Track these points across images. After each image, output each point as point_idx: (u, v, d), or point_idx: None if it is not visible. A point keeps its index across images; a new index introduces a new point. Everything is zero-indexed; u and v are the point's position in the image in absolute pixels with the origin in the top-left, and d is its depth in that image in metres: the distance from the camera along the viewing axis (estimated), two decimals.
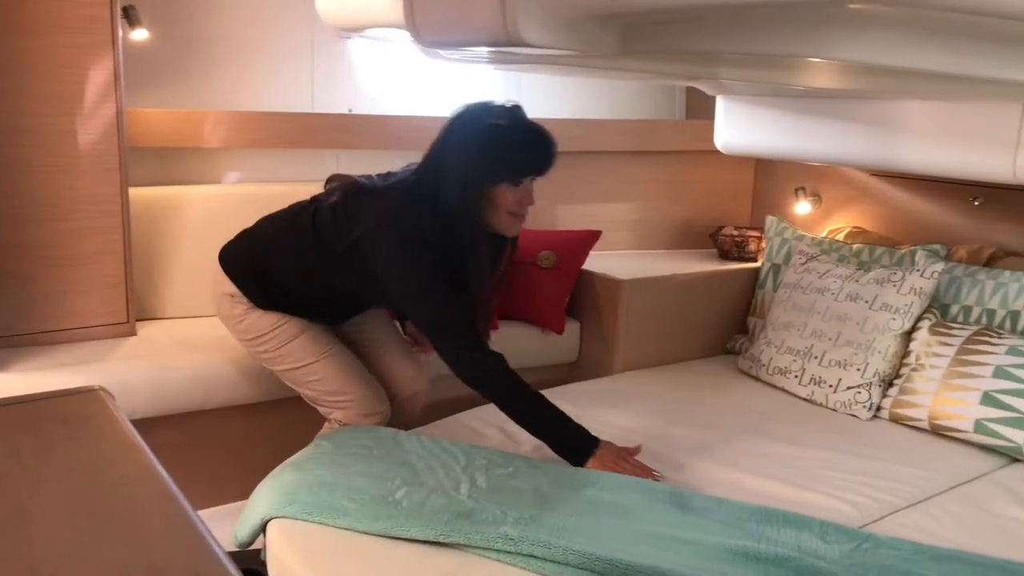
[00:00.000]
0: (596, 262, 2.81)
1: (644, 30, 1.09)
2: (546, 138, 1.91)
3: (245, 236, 2.14)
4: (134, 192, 2.45)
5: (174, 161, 2.73)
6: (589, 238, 2.75)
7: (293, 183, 2.88)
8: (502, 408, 1.91)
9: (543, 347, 2.71)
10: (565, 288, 2.70)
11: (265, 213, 2.13)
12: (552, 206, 3.05)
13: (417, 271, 1.88)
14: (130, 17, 2.52)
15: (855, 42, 1.00)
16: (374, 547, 1.55)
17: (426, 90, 3.13)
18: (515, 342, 2.63)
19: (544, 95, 3.29)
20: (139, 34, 2.58)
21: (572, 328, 2.77)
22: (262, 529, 1.69)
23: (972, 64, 1.34)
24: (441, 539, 1.54)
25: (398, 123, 2.96)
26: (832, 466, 2.00)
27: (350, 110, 3.00)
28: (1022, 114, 2.07)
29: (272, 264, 2.07)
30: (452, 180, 1.88)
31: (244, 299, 2.08)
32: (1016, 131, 2.09)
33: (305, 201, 2.09)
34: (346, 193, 2.01)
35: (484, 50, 1.45)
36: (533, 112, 1.95)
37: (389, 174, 2.07)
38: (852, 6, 0.90)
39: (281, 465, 1.84)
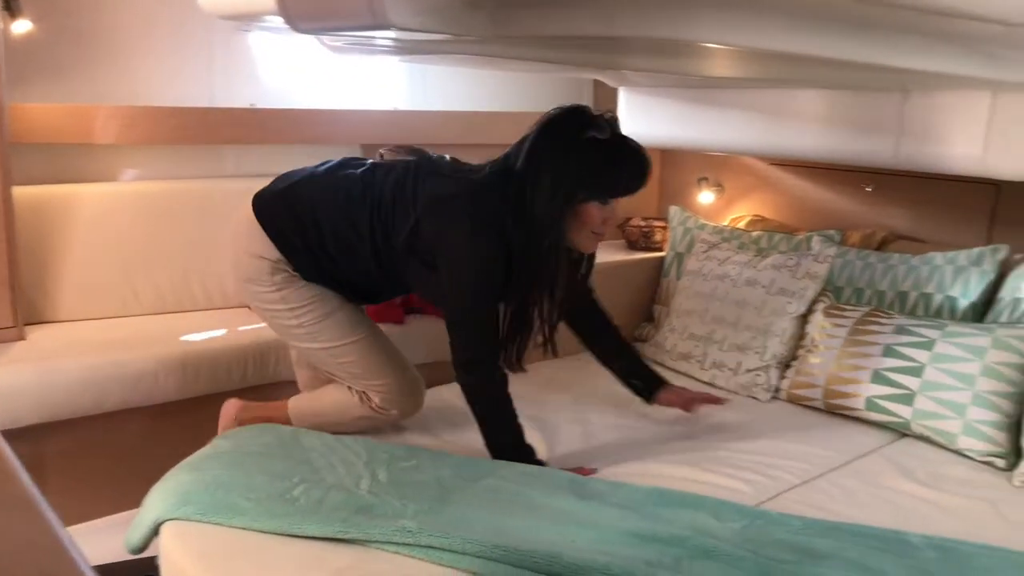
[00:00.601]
0: None
1: (512, 13, 1.09)
2: (645, 158, 1.81)
3: (284, 197, 1.95)
4: (19, 191, 2.36)
5: (64, 158, 2.63)
6: None
7: (193, 180, 2.82)
8: (478, 421, 1.88)
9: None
10: None
11: (163, 211, 2.05)
12: None
13: (478, 263, 1.80)
14: (11, 8, 2.41)
15: (711, 24, 1.02)
16: (271, 546, 1.52)
17: (332, 84, 3.08)
18: (425, 335, 2.61)
19: (450, 87, 3.28)
20: (21, 25, 2.47)
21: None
22: (155, 533, 1.64)
23: (852, 50, 1.38)
24: (339, 535, 1.52)
25: (303, 117, 2.91)
26: (731, 447, 2.05)
27: (253, 105, 2.94)
28: (902, 101, 2.15)
29: (322, 232, 1.91)
30: (544, 188, 1.77)
31: (288, 266, 1.93)
32: (898, 117, 2.17)
33: (351, 168, 1.96)
34: (408, 168, 1.91)
35: (366, 36, 1.44)
36: (436, 104, 1.93)
37: (442, 156, 1.99)
38: None
39: (176, 466, 1.79)
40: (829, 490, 1.86)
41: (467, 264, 1.81)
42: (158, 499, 1.66)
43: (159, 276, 2.67)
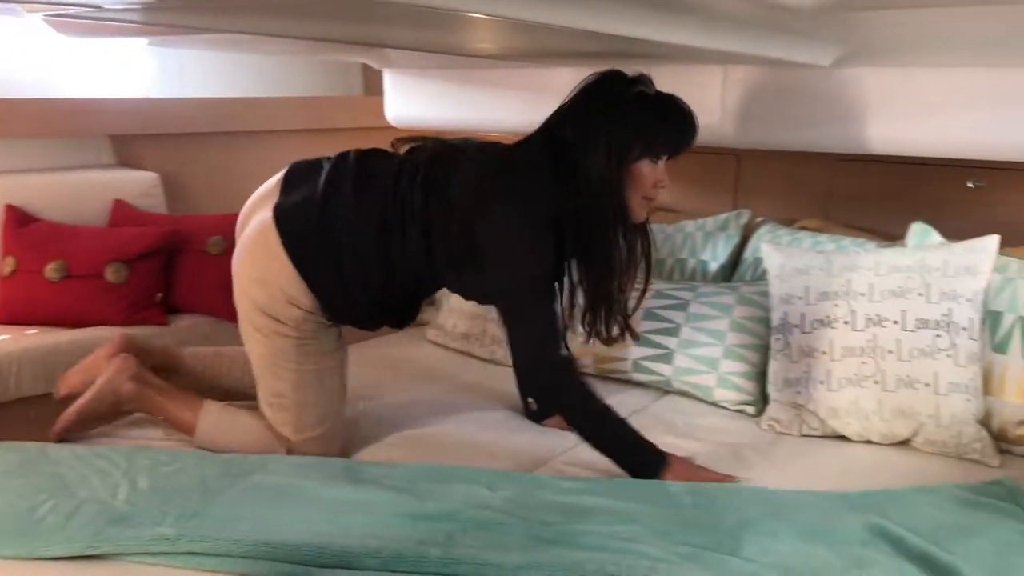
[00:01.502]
0: None
1: None
2: (692, 113, 1.78)
3: (318, 233, 1.77)
4: None
5: None
6: None
7: None
8: (575, 426, 1.76)
9: (220, 337, 2.57)
10: None
11: None
12: (221, 188, 2.88)
13: (539, 248, 1.70)
14: None
15: None
16: (13, 574, 1.38)
17: (74, 71, 2.84)
18: (190, 337, 2.48)
19: (211, 74, 3.12)
20: None
21: None
22: None
23: (593, 20, 1.42)
24: (89, 552, 1.41)
25: (38, 107, 2.66)
26: (508, 419, 2.09)
27: None
28: (723, 77, 2.24)
29: (362, 271, 1.78)
30: (599, 149, 1.69)
31: (321, 315, 1.80)
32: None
33: (377, 174, 1.80)
34: (431, 159, 1.79)
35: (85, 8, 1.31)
36: (194, 91, 1.80)
37: (466, 140, 1.85)
38: None
39: None
40: None
41: (527, 251, 1.71)
42: None
43: None
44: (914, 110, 1.99)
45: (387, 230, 1.76)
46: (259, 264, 1.81)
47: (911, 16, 1.37)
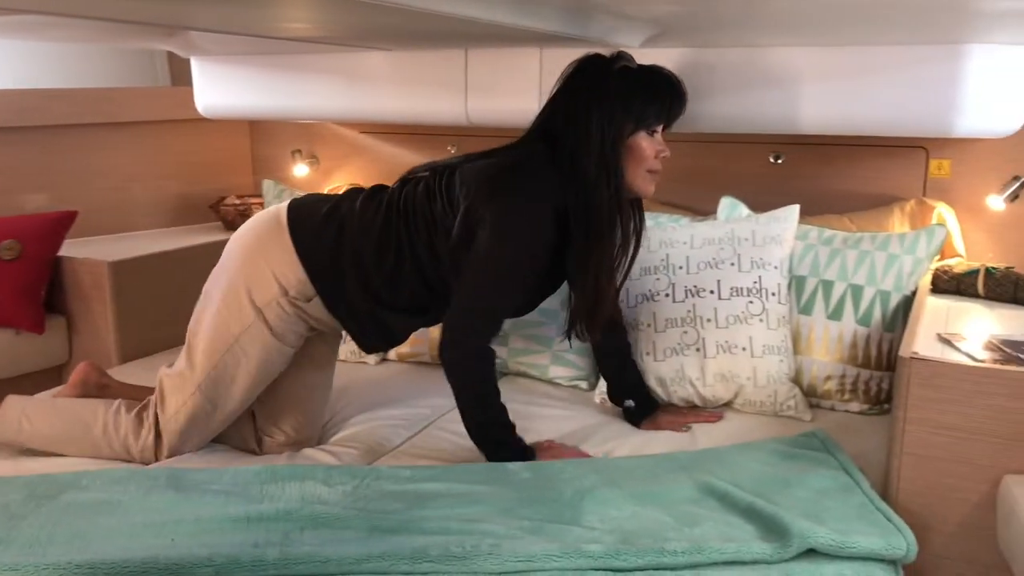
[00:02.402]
0: (77, 249, 2.51)
1: None
2: (678, 79, 1.79)
3: (325, 226, 1.80)
4: None
5: None
6: (61, 221, 2.44)
7: None
8: (456, 396, 1.76)
9: (21, 351, 2.37)
10: (38, 281, 2.37)
11: None
12: (14, 190, 2.64)
13: (524, 242, 1.70)
14: None
15: None
16: None
17: None
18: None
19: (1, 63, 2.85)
20: None
21: (56, 325, 2.46)
22: None
23: None
24: None
25: None
26: (344, 414, 2.04)
27: None
28: (463, 58, 2.26)
29: (355, 266, 1.78)
30: (594, 131, 1.69)
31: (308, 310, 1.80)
32: (462, 76, 2.28)
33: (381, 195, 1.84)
34: (435, 170, 1.80)
35: None
36: None
37: (462, 155, 1.84)
38: None
39: None
40: (438, 435, 1.93)
41: (521, 237, 1.70)
42: None
43: None
44: (717, 88, 2.09)
45: (390, 233, 1.78)
46: (261, 244, 1.81)
47: None
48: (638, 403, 1.98)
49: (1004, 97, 1.86)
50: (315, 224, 1.81)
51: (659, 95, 1.76)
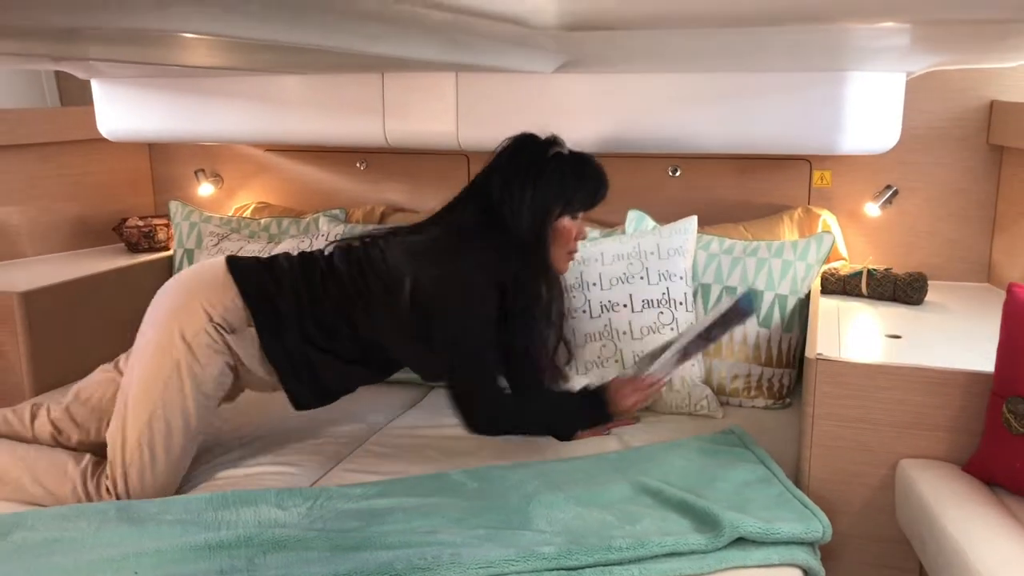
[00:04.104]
0: None
1: None
2: (602, 168, 1.91)
3: (271, 284, 1.85)
4: None
5: None
6: None
7: None
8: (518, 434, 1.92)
9: None
10: None
11: None
12: None
13: (479, 302, 1.77)
14: None
15: (178, 14, 0.99)
16: None
17: None
18: None
19: None
20: None
21: None
22: None
23: (322, 37, 1.44)
24: None
25: None
26: (277, 439, 2.06)
27: None
28: (381, 83, 2.32)
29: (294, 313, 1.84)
30: (525, 208, 1.81)
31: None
32: (379, 99, 2.34)
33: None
34: (364, 240, 1.91)
35: None
36: None
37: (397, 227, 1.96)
38: None
39: None
40: (378, 451, 1.98)
41: (462, 306, 1.78)
42: None
43: None
44: (623, 110, 2.23)
45: (326, 289, 1.85)
46: (196, 284, 1.83)
47: (624, 34, 1.54)
48: None
49: (881, 119, 2.07)
50: (254, 267, 1.87)
51: (587, 184, 1.89)
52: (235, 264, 1.86)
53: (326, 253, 1.93)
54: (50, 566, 1.43)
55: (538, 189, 1.83)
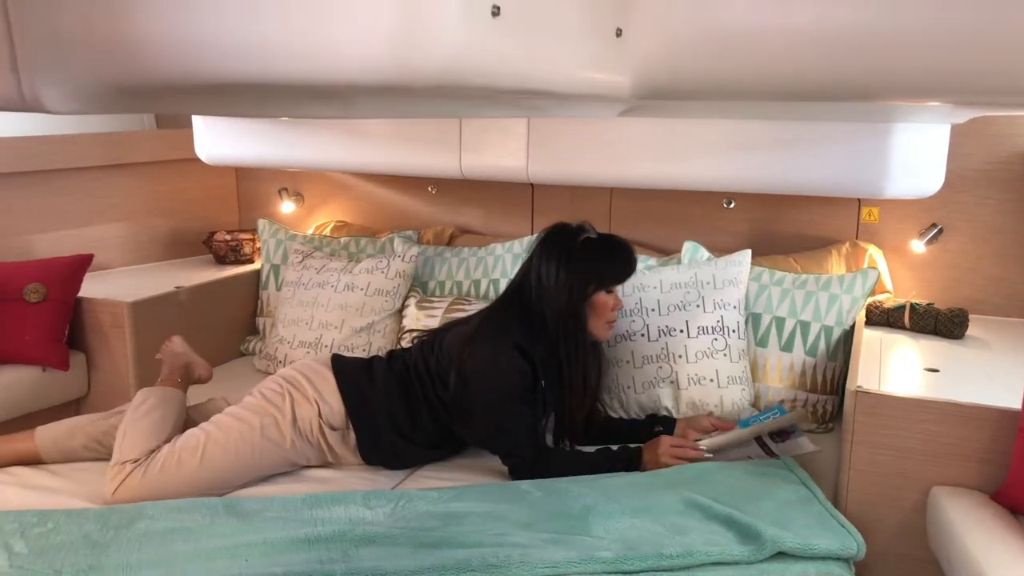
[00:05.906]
0: (92, 287, 2.68)
1: (162, 99, 1.14)
2: (629, 245, 2.12)
3: (361, 374, 2.16)
4: None
5: None
6: (80, 263, 2.61)
7: None
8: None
9: (46, 387, 2.53)
10: (62, 321, 2.54)
11: None
12: (28, 233, 2.80)
13: (501, 376, 2.00)
14: None
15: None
16: None
17: None
18: (14, 387, 2.43)
19: None
20: None
21: (77, 361, 2.62)
22: None
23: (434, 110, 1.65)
24: None
25: None
26: None
27: None
28: (460, 121, 2.52)
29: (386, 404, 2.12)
30: (558, 294, 2.04)
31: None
32: (457, 137, 2.55)
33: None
34: (432, 333, 2.20)
35: None
36: None
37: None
38: None
39: None
40: (449, 461, 2.18)
41: (492, 380, 2.01)
42: None
43: None
44: (682, 152, 2.41)
45: (410, 384, 2.13)
46: (307, 378, 2.12)
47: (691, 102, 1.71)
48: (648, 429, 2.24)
49: (925, 166, 2.21)
50: (354, 370, 2.16)
51: (616, 262, 2.11)
52: (338, 371, 2.14)
53: (408, 347, 2.24)
54: (174, 552, 1.64)
55: (571, 271, 2.05)
